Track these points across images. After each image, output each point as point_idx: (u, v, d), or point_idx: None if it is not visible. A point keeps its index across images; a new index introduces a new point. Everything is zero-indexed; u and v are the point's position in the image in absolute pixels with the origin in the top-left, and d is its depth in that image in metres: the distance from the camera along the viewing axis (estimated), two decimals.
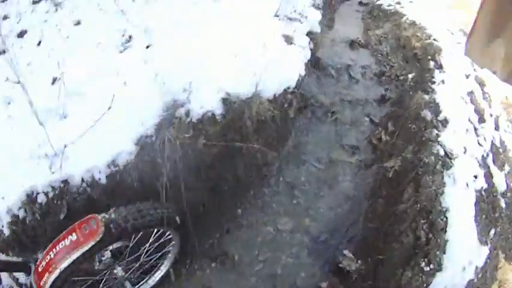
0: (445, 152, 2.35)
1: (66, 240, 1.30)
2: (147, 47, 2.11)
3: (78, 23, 2.35)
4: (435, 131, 2.51)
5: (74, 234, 1.31)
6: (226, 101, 1.84)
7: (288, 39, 2.58)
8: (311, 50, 2.75)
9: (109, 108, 1.51)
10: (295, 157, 2.63)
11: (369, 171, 2.65)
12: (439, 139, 2.46)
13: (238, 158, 2.04)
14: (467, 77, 3.54)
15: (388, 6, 4.81)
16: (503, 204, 2.44)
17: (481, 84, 3.54)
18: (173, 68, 1.88)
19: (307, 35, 2.74)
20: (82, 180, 1.56)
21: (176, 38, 2.19)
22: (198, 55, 2.00)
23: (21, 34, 2.39)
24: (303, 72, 2.49)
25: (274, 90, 2.23)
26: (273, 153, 2.38)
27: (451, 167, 2.28)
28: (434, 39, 3.99)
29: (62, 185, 1.56)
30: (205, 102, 1.78)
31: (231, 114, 1.84)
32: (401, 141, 2.59)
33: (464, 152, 2.46)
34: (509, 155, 2.88)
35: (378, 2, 5.05)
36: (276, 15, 2.82)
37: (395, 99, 3.09)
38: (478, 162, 2.47)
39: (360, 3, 5.62)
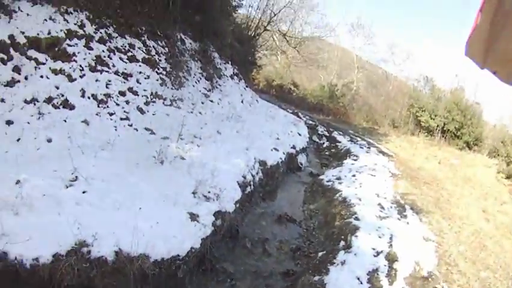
0: None
1: None
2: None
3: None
4: None
5: None
6: (117, 253, 2.45)
7: (193, 217, 3.18)
8: (217, 226, 3.31)
9: None
10: None
11: None
12: None
13: None
14: (378, 254, 3.82)
15: (328, 181, 5.57)
16: None
17: (391, 261, 3.76)
18: (92, 217, 2.60)
19: (215, 214, 3.36)
20: None
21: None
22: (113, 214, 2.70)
23: None
24: (197, 245, 2.98)
25: (162, 254, 2.67)
26: None
27: None
28: (356, 218, 4.50)
29: None
30: (103, 249, 2.42)
31: (118, 264, 2.43)
32: None
33: None
34: None
35: (321, 177, 5.86)
36: (194, 192, 3.57)
37: (298, 275, 3.35)
38: None
39: (311, 173, 6.51)
